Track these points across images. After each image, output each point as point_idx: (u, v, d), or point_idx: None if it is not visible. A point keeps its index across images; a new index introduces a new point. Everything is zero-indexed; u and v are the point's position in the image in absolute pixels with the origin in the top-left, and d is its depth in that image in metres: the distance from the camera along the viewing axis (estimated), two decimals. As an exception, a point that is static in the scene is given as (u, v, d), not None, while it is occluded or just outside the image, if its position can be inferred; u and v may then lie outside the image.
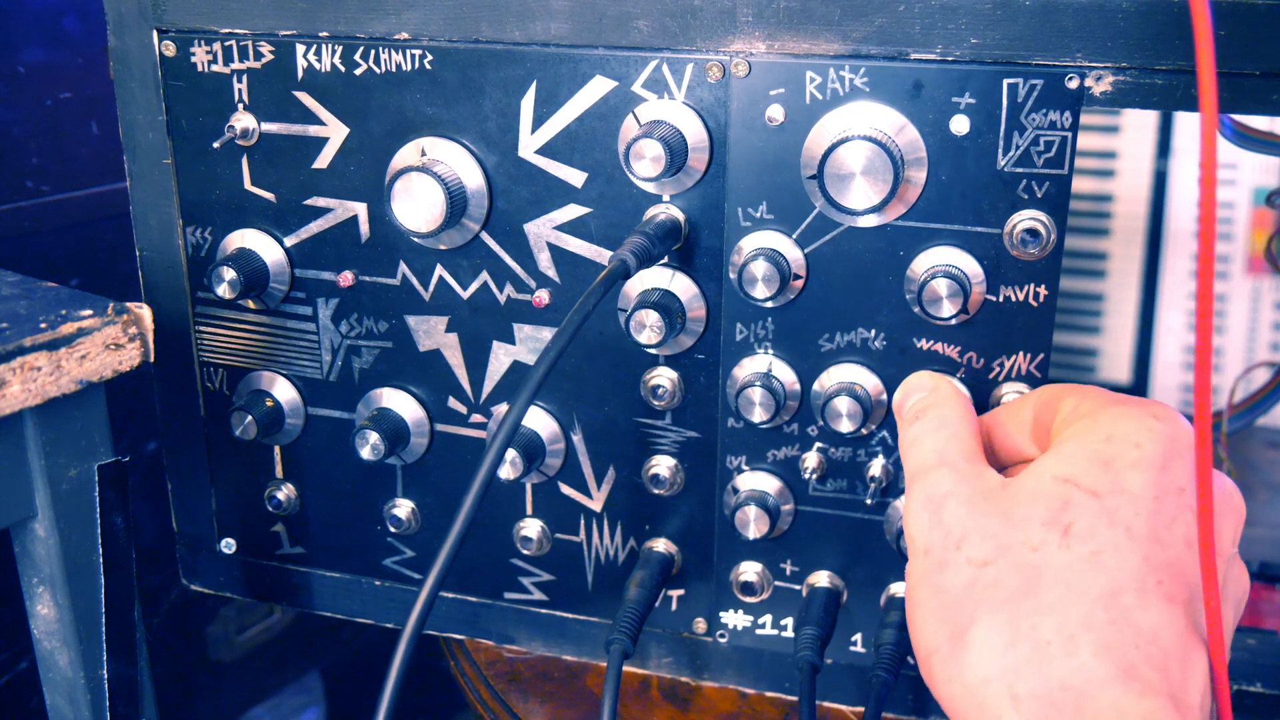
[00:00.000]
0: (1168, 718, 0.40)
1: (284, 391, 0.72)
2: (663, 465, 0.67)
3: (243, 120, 0.67)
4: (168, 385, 0.75)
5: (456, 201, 0.63)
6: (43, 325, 0.57)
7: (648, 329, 0.61)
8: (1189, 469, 0.45)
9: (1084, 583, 0.43)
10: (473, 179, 0.64)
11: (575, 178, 0.63)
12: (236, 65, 0.67)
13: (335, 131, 0.66)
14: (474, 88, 0.63)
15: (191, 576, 0.80)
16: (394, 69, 0.64)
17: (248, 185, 0.69)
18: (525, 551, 0.72)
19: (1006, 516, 0.46)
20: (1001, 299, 0.59)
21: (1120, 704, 0.40)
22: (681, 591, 0.70)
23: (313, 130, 0.67)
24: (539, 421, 0.68)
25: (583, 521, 0.70)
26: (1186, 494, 0.44)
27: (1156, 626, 0.42)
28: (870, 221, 0.60)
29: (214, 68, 0.67)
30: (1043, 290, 0.59)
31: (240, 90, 0.67)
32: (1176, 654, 0.41)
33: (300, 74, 0.66)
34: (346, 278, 0.69)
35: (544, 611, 0.73)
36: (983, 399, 0.61)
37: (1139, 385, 1.18)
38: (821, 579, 0.67)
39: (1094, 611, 0.42)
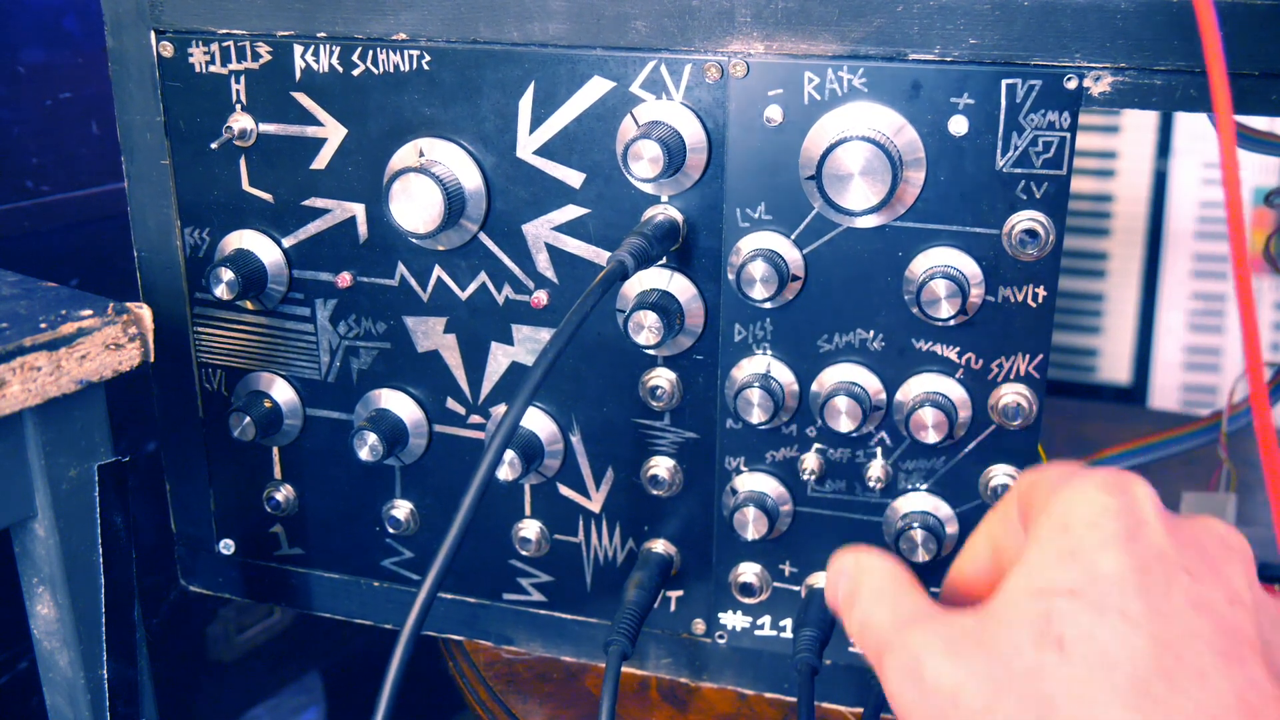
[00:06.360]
0: None
1: (282, 392, 0.72)
2: (661, 466, 0.67)
3: (240, 121, 0.67)
4: (166, 386, 0.75)
5: (454, 202, 0.63)
6: (43, 325, 0.57)
7: (646, 330, 0.61)
8: (1160, 531, 0.42)
9: (1101, 687, 0.39)
10: (471, 180, 0.64)
11: (573, 178, 0.63)
12: (234, 66, 0.67)
13: (333, 132, 0.66)
14: (472, 88, 0.63)
15: (190, 577, 0.80)
16: (392, 69, 0.64)
17: (246, 186, 0.69)
18: (524, 552, 0.72)
19: (993, 651, 0.41)
20: (1000, 300, 0.59)
21: None
22: (680, 592, 0.70)
23: (310, 131, 0.67)
24: (537, 422, 0.68)
25: (581, 522, 0.70)
26: (1169, 557, 0.41)
27: (1200, 704, 0.38)
28: (869, 222, 0.60)
29: (212, 68, 0.67)
30: (1041, 291, 0.59)
31: (238, 91, 0.67)
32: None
33: (298, 75, 0.66)
34: (345, 278, 0.69)
35: (543, 612, 0.73)
36: (982, 400, 0.61)
37: (1139, 385, 1.18)
38: (820, 580, 0.67)
39: (1124, 714, 0.38)
